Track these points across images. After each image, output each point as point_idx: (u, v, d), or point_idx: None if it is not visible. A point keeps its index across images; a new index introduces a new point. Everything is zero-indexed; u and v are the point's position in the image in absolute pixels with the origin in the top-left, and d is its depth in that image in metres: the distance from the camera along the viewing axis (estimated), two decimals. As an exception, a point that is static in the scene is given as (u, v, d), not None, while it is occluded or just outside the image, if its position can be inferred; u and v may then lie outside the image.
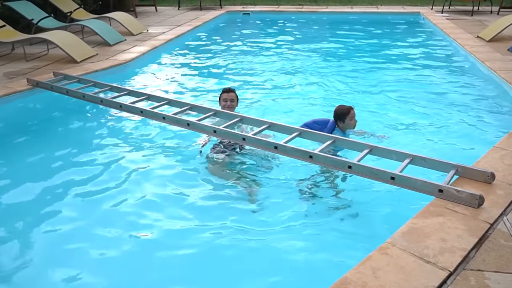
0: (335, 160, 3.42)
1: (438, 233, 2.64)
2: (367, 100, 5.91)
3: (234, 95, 4.66)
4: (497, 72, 6.28)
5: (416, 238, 2.60)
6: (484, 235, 2.65)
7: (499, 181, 3.21)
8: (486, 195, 2.99)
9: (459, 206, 2.91)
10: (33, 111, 5.56)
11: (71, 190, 3.80)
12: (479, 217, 2.80)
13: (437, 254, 2.46)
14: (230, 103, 4.60)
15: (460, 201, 2.94)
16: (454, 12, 12.38)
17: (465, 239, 2.59)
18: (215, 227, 3.29)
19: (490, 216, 2.81)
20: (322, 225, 3.31)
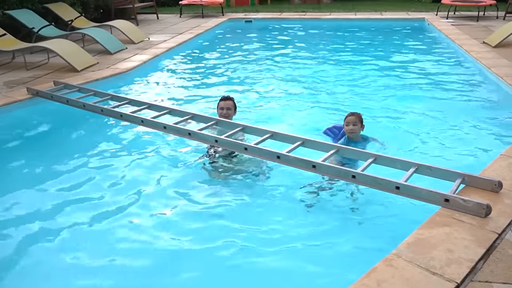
0: (339, 170, 3.42)
1: (444, 244, 2.63)
2: (372, 107, 5.91)
3: (231, 103, 4.67)
4: (503, 79, 6.28)
5: (422, 249, 2.59)
6: (492, 246, 2.63)
7: (507, 190, 3.20)
8: (494, 204, 2.97)
9: (466, 216, 2.90)
10: (33, 121, 5.57)
11: (71, 200, 3.81)
12: (487, 227, 2.78)
13: (444, 265, 2.44)
14: (227, 111, 4.60)
15: (467, 211, 2.92)
16: (460, 17, 12.41)
17: (473, 250, 2.57)
18: (211, 240, 3.29)
19: (497, 226, 2.79)
20: (325, 235, 3.30)
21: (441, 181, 3.33)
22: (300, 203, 3.71)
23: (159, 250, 3.20)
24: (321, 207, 3.66)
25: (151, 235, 3.35)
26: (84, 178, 4.17)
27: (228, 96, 4.78)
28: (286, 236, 3.30)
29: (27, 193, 3.94)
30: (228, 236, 3.29)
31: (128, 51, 8.88)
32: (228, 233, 3.33)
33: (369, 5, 15.58)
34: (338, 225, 3.42)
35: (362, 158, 3.63)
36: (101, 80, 6.76)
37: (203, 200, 3.80)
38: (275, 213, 3.59)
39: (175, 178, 4.20)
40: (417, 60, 8.53)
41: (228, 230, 3.37)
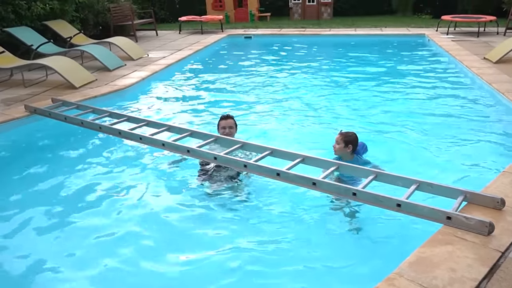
0: (339, 187, 3.42)
1: (447, 263, 2.62)
2: (372, 123, 5.94)
3: (232, 122, 4.69)
4: (505, 94, 6.32)
5: (424, 268, 2.58)
6: (496, 264, 2.62)
7: (510, 207, 3.20)
8: (496, 222, 2.97)
9: (468, 234, 2.89)
10: (30, 139, 5.60)
11: (69, 217, 3.81)
12: (490, 245, 2.78)
13: (447, 285, 2.43)
14: (229, 130, 4.61)
15: (470, 229, 2.92)
16: (460, 33, 12.54)
17: (476, 269, 2.56)
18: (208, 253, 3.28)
19: (501, 244, 2.78)
20: (325, 254, 3.29)
21: (443, 199, 3.33)
22: (298, 221, 3.70)
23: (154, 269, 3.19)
24: (320, 225, 3.65)
25: (148, 252, 3.36)
26: (81, 196, 4.18)
27: (228, 115, 4.79)
28: (285, 255, 3.29)
29: (23, 210, 3.93)
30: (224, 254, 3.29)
31: (127, 67, 8.96)
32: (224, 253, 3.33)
33: (369, 21, 15.76)
34: (338, 244, 3.41)
35: (363, 175, 3.64)
36: (99, 97, 6.81)
37: (201, 217, 3.80)
38: (273, 231, 3.58)
39: (173, 194, 4.21)
40: (417, 76, 8.59)
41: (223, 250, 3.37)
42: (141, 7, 17.03)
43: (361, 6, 18.18)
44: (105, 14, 12.67)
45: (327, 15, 16.91)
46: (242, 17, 16.86)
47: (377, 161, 4.47)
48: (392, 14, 17.40)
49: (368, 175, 3.56)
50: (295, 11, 17.15)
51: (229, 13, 16.76)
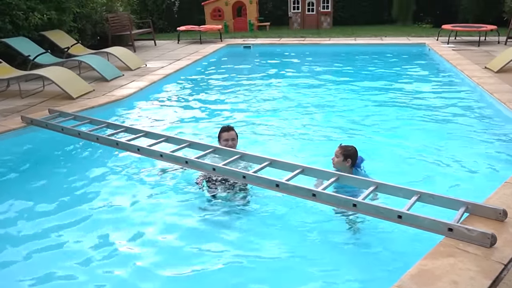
0: (339, 198, 3.42)
1: (449, 275, 2.61)
2: (372, 134, 5.95)
3: (234, 134, 4.68)
4: (506, 104, 6.35)
5: (426, 280, 2.57)
6: (498, 277, 2.62)
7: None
8: (499, 233, 2.97)
9: (470, 246, 2.89)
10: (27, 150, 5.60)
11: (65, 230, 3.80)
12: (492, 257, 2.77)
13: (449, 298, 2.43)
14: (232, 142, 4.59)
15: (472, 241, 2.92)
16: (460, 42, 12.62)
17: (478, 281, 2.56)
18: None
19: (503, 256, 2.78)
20: (325, 267, 3.27)
21: (444, 210, 3.33)
22: (298, 233, 3.70)
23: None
24: (320, 237, 3.64)
25: (147, 260, 3.35)
26: (79, 207, 4.17)
27: (230, 126, 4.77)
28: (284, 266, 3.29)
29: (19, 221, 3.94)
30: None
31: (125, 78, 9.00)
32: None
33: (369, 30, 15.85)
34: (338, 257, 3.40)
35: (363, 186, 3.64)
36: (97, 108, 6.84)
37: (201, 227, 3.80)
38: (270, 241, 3.58)
39: (172, 204, 4.22)
40: (418, 85, 8.63)
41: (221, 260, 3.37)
42: (139, 17, 17.16)
43: (360, 15, 18.30)
44: (103, 24, 12.76)
45: (327, 25, 17.01)
46: (241, 26, 16.96)
47: (377, 171, 4.49)
48: (392, 24, 17.49)
49: (369, 186, 3.56)
50: (294, 20, 17.25)
51: (228, 23, 16.87)
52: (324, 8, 16.84)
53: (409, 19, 17.26)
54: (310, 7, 16.97)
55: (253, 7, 16.87)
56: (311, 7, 16.95)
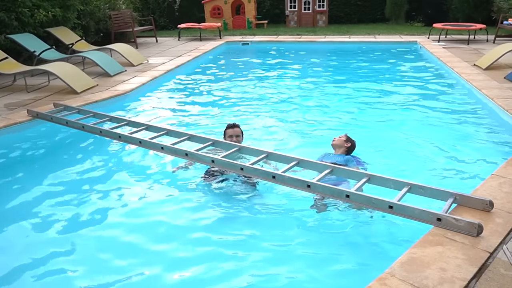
0: (333, 189, 3.43)
1: (437, 263, 2.63)
2: (365, 128, 5.96)
3: (239, 131, 4.66)
4: (494, 100, 6.35)
5: (416, 268, 2.59)
6: (484, 264, 2.64)
7: (498, 209, 3.22)
8: (485, 223, 2.99)
9: (458, 235, 2.91)
10: (33, 142, 5.59)
11: (72, 221, 3.80)
12: (479, 246, 2.79)
13: (437, 284, 2.44)
14: (236, 138, 4.56)
15: (459, 230, 2.93)
16: (451, 41, 12.61)
17: (465, 269, 2.58)
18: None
19: (489, 245, 2.80)
20: (318, 255, 3.29)
21: (434, 201, 3.35)
22: (292, 221, 3.71)
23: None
24: (313, 226, 3.65)
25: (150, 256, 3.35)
26: (84, 198, 4.16)
27: (235, 124, 4.74)
28: (277, 251, 3.31)
29: (24, 214, 3.92)
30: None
31: (128, 73, 8.97)
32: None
33: (362, 28, 15.82)
34: (331, 245, 3.41)
35: (356, 178, 3.66)
36: (100, 102, 6.82)
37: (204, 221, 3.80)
38: (268, 230, 3.59)
39: (176, 197, 4.20)
40: (409, 81, 8.63)
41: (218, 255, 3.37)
42: (141, 14, 17.07)
43: (355, 14, 18.26)
44: (106, 22, 12.69)
45: (322, 23, 16.96)
46: (240, 24, 16.89)
47: (371, 163, 4.50)
48: (385, 22, 17.46)
49: (361, 178, 3.58)
50: (291, 18, 17.20)
51: (227, 21, 16.80)
52: (320, 7, 16.79)
53: (402, 18, 17.22)
54: (306, 6, 16.91)
55: (251, 6, 16.80)
56: (307, 5, 16.89)
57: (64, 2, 10.04)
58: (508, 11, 12.77)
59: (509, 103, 6.11)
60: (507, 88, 6.99)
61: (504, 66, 8.67)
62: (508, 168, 3.98)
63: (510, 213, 3.18)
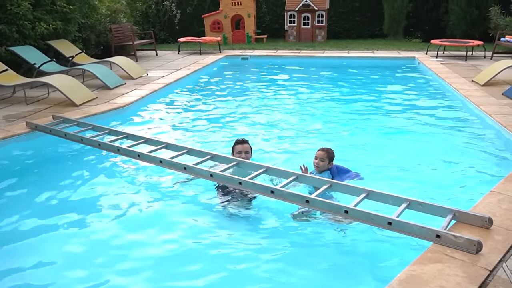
0: (332, 205, 3.42)
1: (437, 281, 2.61)
2: (362, 144, 5.96)
3: (248, 147, 4.57)
4: (492, 116, 6.38)
5: (415, 285, 2.57)
6: (484, 282, 2.62)
7: (497, 226, 3.20)
8: (484, 240, 2.97)
9: (457, 252, 2.89)
10: (31, 155, 5.57)
11: (67, 235, 3.77)
12: (478, 263, 2.77)
13: (436, 302, 2.42)
14: (245, 155, 4.47)
15: (458, 247, 2.92)
16: (449, 57, 12.70)
17: (465, 287, 2.56)
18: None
19: (489, 263, 2.78)
20: (315, 271, 3.25)
21: (433, 217, 3.33)
22: (287, 235, 3.69)
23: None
24: (311, 243, 3.63)
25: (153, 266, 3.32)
26: (83, 213, 4.12)
27: (244, 139, 4.64)
28: (276, 269, 3.27)
29: (20, 225, 3.90)
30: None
31: (127, 86, 8.99)
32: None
33: (361, 44, 15.94)
34: (329, 262, 3.38)
35: (355, 193, 3.64)
36: (99, 115, 6.82)
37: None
38: (265, 244, 3.56)
39: (168, 207, 4.20)
40: (407, 97, 8.66)
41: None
42: (141, 28, 17.19)
43: (353, 29, 18.41)
44: (107, 35, 12.78)
45: (321, 38, 17.09)
46: (240, 38, 17.01)
47: (368, 178, 4.49)
48: (383, 38, 17.60)
49: (360, 193, 3.56)
50: (290, 33, 17.33)
51: (227, 35, 16.92)
52: (319, 22, 16.93)
53: (400, 33, 17.37)
54: (306, 21, 17.06)
55: (251, 20, 16.93)
56: (306, 21, 17.04)
57: (65, 15, 10.11)
58: (505, 28, 12.90)
59: (507, 119, 6.13)
60: (505, 105, 7.02)
61: (501, 83, 8.73)
62: (507, 185, 3.98)
63: (509, 230, 3.17)
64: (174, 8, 18.10)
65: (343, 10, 18.20)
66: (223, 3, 16.74)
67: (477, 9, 15.12)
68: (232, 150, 4.62)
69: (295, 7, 16.85)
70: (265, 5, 18.55)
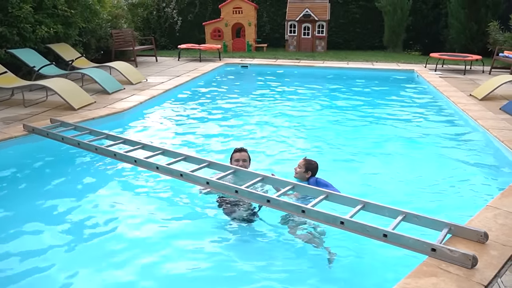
0: (327, 216, 3.40)
1: (431, 295, 2.60)
2: (360, 156, 5.96)
3: (246, 155, 4.57)
4: (489, 130, 6.40)
5: (409, 299, 2.55)
6: (478, 298, 2.60)
7: (493, 241, 3.20)
8: (480, 255, 2.96)
9: (452, 266, 2.88)
10: (27, 157, 5.54)
11: (63, 238, 3.74)
12: (473, 278, 2.76)
13: (430, 316, 2.40)
14: (243, 163, 4.48)
15: (454, 261, 2.91)
16: (447, 70, 12.76)
17: (459, 302, 2.54)
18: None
19: (484, 278, 2.77)
20: (304, 283, 3.23)
21: (428, 230, 3.32)
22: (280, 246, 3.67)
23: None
24: (306, 256, 3.60)
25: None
26: (79, 217, 4.10)
27: (242, 148, 4.65)
28: (264, 274, 3.25)
29: (17, 228, 3.87)
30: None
31: (126, 91, 8.99)
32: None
33: (361, 55, 16.01)
34: (323, 275, 3.36)
35: (351, 204, 3.63)
36: (97, 119, 6.81)
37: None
38: (255, 258, 3.54)
39: (168, 216, 4.16)
40: (405, 110, 8.69)
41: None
42: (142, 34, 17.24)
43: (353, 41, 18.53)
44: (107, 40, 12.80)
45: (321, 48, 17.17)
46: (240, 47, 17.07)
47: (364, 190, 4.49)
48: (383, 50, 17.70)
49: (356, 205, 3.55)
50: (290, 43, 17.41)
51: (227, 43, 16.97)
52: (319, 33, 17.03)
53: (399, 46, 17.47)
54: (306, 31, 17.15)
55: (252, 29, 17.01)
56: (306, 31, 17.13)
57: (66, 19, 10.14)
58: (504, 43, 12.98)
59: (505, 134, 6.15)
60: (502, 119, 7.05)
61: (499, 97, 8.77)
62: (503, 200, 3.98)
63: (505, 245, 3.16)
64: (175, 15, 18.18)
65: (344, 21, 18.34)
66: (224, 11, 16.83)
67: (477, 24, 15.24)
68: (230, 158, 4.62)
69: (296, 17, 16.95)
70: (266, 14, 18.67)
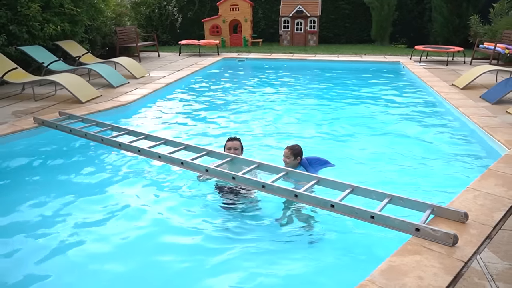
0: (319, 199, 3.40)
1: (415, 271, 2.60)
2: (348, 143, 5.94)
3: (238, 144, 4.56)
4: (470, 117, 6.38)
5: (395, 276, 2.56)
6: (459, 273, 2.61)
7: (472, 220, 3.20)
8: (460, 234, 2.97)
9: (435, 245, 2.88)
10: (37, 148, 5.51)
11: (74, 229, 3.68)
12: (454, 255, 2.77)
13: (414, 292, 2.41)
14: (234, 151, 4.46)
15: (436, 240, 2.91)
16: (431, 61, 12.71)
17: (441, 277, 2.54)
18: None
19: (464, 255, 2.77)
20: (299, 263, 3.22)
21: (412, 211, 3.32)
22: (273, 229, 3.65)
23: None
24: (296, 238, 3.59)
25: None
26: (87, 206, 4.05)
27: (235, 137, 4.65)
28: (253, 263, 3.22)
29: (28, 219, 3.83)
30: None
31: (130, 85, 8.92)
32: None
33: (350, 49, 15.92)
34: (313, 253, 3.35)
35: (341, 188, 3.62)
36: (103, 112, 6.76)
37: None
38: (245, 238, 3.53)
39: (173, 204, 4.13)
40: (391, 98, 8.65)
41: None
42: (145, 30, 17.05)
43: (343, 35, 18.41)
44: (112, 36, 12.67)
45: (313, 42, 17.05)
46: (237, 42, 16.94)
47: (353, 175, 4.47)
48: (371, 43, 17.59)
49: (346, 189, 3.54)
50: (284, 38, 17.28)
51: (225, 38, 16.84)
52: (311, 28, 16.90)
53: (386, 39, 17.37)
54: (299, 27, 17.02)
55: (248, 25, 16.87)
56: (299, 26, 17.00)
57: (73, 17, 10.01)
58: (484, 36, 12.93)
59: (484, 121, 6.14)
60: (482, 107, 7.03)
61: (479, 86, 8.74)
62: (482, 182, 3.98)
63: (483, 224, 3.16)
64: (176, 12, 17.99)
65: (334, 17, 18.20)
66: (222, 8, 16.67)
67: (459, 17, 15.15)
68: (224, 147, 4.62)
69: (289, 14, 16.80)
70: (261, 11, 18.51)
